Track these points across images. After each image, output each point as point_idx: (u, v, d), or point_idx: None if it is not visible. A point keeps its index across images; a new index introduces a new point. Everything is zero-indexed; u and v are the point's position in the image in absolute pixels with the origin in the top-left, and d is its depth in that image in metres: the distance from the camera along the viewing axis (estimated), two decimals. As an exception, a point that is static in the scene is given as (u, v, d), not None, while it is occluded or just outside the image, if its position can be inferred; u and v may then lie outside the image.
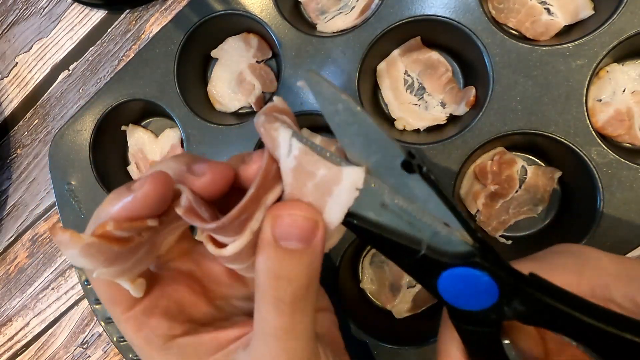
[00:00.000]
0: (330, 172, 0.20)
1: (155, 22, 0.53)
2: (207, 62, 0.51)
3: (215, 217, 0.22)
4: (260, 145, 0.46)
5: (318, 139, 0.47)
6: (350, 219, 0.21)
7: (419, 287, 0.44)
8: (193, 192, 0.21)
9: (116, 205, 0.21)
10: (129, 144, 0.53)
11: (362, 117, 0.20)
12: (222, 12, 0.46)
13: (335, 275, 0.42)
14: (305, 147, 0.20)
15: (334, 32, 0.46)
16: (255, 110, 0.49)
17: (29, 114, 0.58)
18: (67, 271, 0.57)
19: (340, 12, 0.46)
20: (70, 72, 0.56)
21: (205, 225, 0.21)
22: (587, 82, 0.38)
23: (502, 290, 0.21)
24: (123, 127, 0.52)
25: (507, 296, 0.21)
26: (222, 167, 0.22)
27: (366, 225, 0.21)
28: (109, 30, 0.55)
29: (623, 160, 0.37)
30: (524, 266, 0.23)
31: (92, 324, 0.56)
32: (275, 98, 0.23)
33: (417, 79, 0.45)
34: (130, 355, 0.49)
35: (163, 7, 0.53)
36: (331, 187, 0.21)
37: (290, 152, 0.21)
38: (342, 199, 0.21)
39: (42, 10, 0.57)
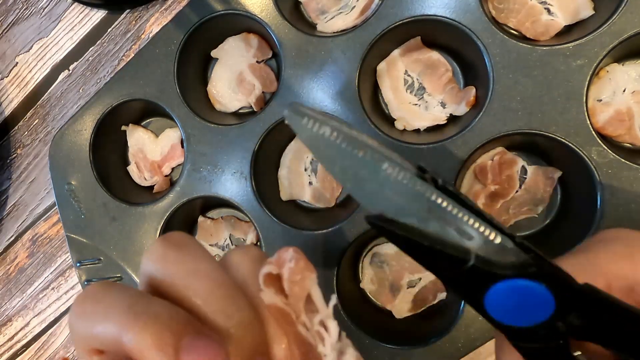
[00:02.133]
0: None
1: (155, 22, 0.53)
2: (207, 62, 0.51)
3: None
4: (260, 148, 0.45)
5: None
6: (392, 228, 0.19)
7: (419, 287, 0.44)
8: None
9: None
10: (129, 144, 0.53)
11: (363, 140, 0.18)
12: (222, 12, 0.46)
13: (336, 276, 0.43)
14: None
15: (334, 32, 0.46)
16: (255, 110, 0.49)
17: (29, 114, 0.58)
18: (67, 271, 0.57)
19: (341, 12, 0.46)
20: (70, 72, 0.56)
21: None
22: (587, 82, 0.38)
23: (558, 303, 0.19)
24: (123, 127, 0.52)
25: (564, 310, 0.19)
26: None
27: (409, 234, 0.19)
28: (109, 30, 0.55)
29: (623, 160, 0.37)
30: (572, 261, 0.21)
31: (92, 324, 0.56)
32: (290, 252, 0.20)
33: (417, 79, 0.45)
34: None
35: (163, 7, 0.53)
36: None
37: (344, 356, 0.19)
38: None
39: (42, 10, 0.57)
